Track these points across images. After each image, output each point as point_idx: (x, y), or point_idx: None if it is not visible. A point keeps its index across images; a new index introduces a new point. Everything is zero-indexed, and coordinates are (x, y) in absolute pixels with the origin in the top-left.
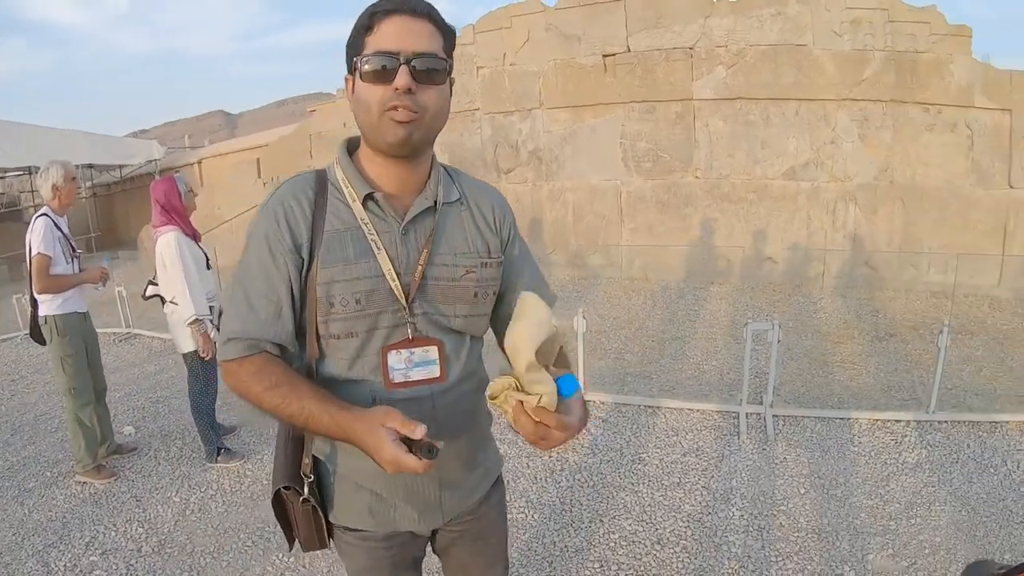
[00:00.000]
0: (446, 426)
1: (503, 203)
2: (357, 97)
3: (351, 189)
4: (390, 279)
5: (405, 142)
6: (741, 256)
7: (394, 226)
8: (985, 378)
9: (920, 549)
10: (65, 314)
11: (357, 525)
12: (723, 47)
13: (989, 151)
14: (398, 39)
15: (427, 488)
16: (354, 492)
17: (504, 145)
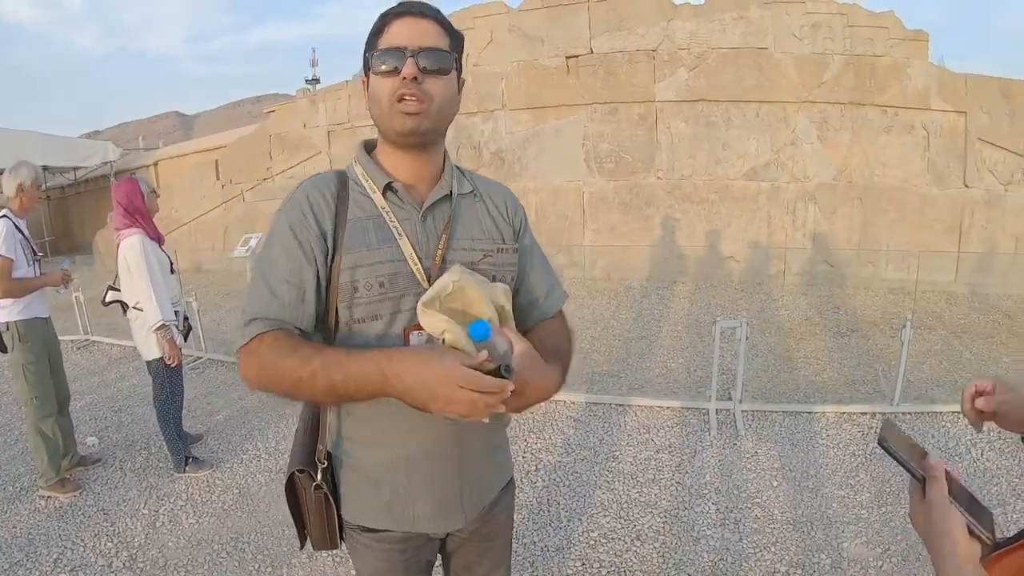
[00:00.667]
0: (467, 441)
1: (514, 198)
2: (371, 92)
3: (371, 181)
4: (412, 263)
5: (414, 131)
6: (703, 255)
7: (413, 213)
8: (945, 370)
9: (893, 535)
10: (27, 319)
11: (374, 524)
12: (685, 50)
13: (945, 152)
14: (406, 36)
15: (451, 479)
16: (372, 488)
17: (467, 146)
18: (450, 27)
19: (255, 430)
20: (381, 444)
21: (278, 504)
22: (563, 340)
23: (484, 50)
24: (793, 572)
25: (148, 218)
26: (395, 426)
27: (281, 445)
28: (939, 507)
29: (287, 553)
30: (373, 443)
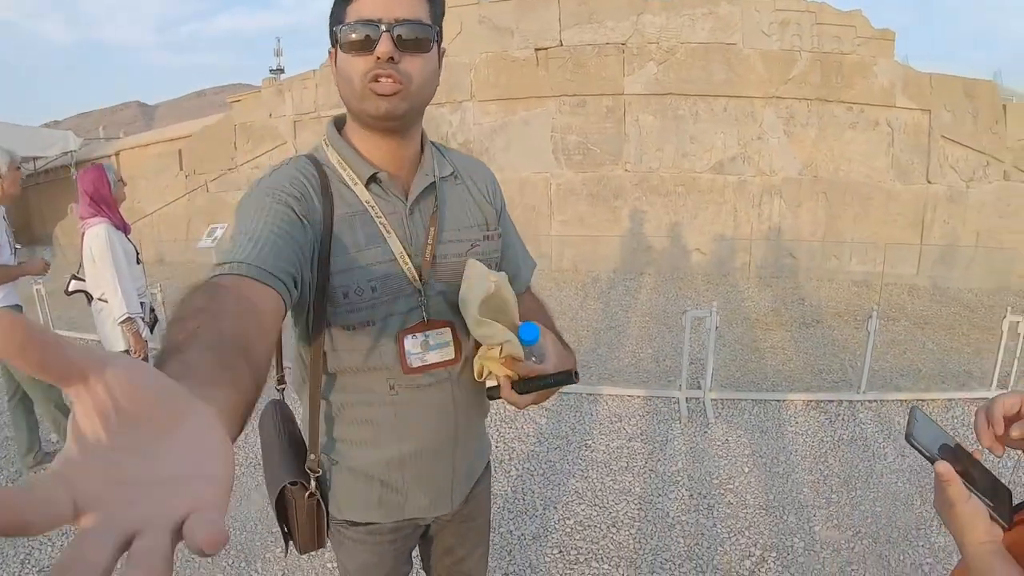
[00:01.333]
0: (464, 408)
1: (491, 175)
2: (340, 70)
3: (350, 171)
4: (402, 262)
5: (389, 115)
6: (669, 247)
7: (400, 207)
8: (909, 360)
9: (863, 518)
10: (5, 307)
11: (364, 519)
12: (655, 44)
13: (909, 148)
14: (380, 6)
15: (443, 473)
16: (363, 484)
17: (434, 136)
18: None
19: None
20: (376, 446)
21: (250, 499)
22: (546, 315)
23: (453, 41)
24: (767, 555)
25: (114, 207)
26: (392, 429)
27: (251, 439)
28: (960, 503)
29: (260, 548)
30: (367, 444)
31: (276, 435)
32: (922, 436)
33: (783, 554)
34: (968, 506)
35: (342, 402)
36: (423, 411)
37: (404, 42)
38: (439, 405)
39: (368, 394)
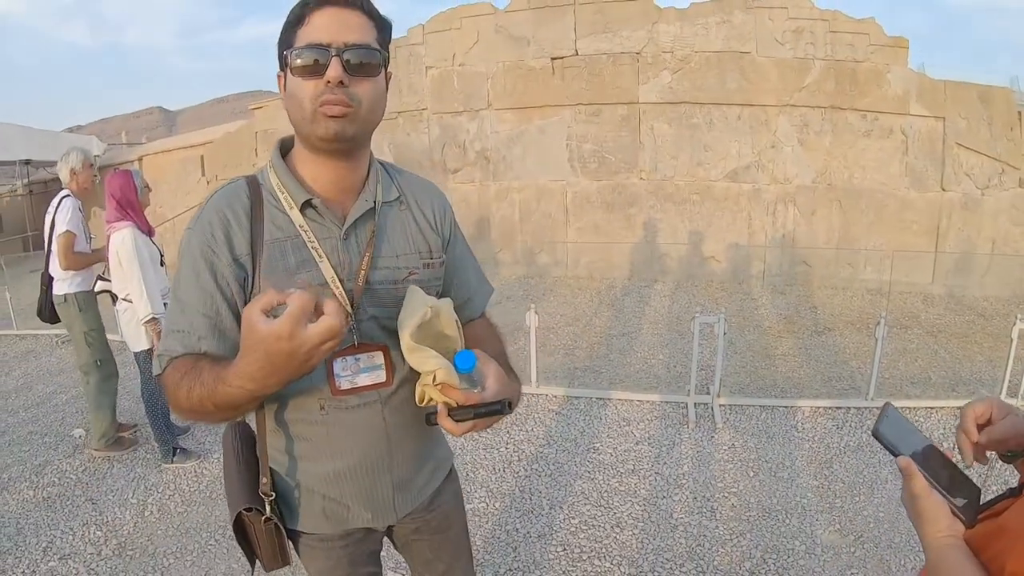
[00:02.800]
0: (396, 429)
1: (443, 200)
2: (290, 93)
3: (287, 195)
4: (334, 287)
5: (338, 137)
6: (684, 255)
7: (335, 231)
8: (920, 368)
9: (866, 523)
10: (85, 291)
11: (313, 529)
12: (669, 52)
13: (923, 156)
14: (329, 31)
15: (382, 490)
16: (309, 497)
17: (452, 145)
18: (378, 16)
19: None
20: (313, 460)
21: None
22: (498, 342)
23: (470, 50)
24: (768, 557)
25: (140, 211)
26: (326, 446)
27: None
28: (921, 498)
29: None
30: (306, 459)
31: (234, 458)
32: (890, 432)
33: (783, 556)
34: (930, 501)
35: (282, 418)
36: (353, 431)
37: (353, 66)
38: (369, 425)
39: (301, 412)
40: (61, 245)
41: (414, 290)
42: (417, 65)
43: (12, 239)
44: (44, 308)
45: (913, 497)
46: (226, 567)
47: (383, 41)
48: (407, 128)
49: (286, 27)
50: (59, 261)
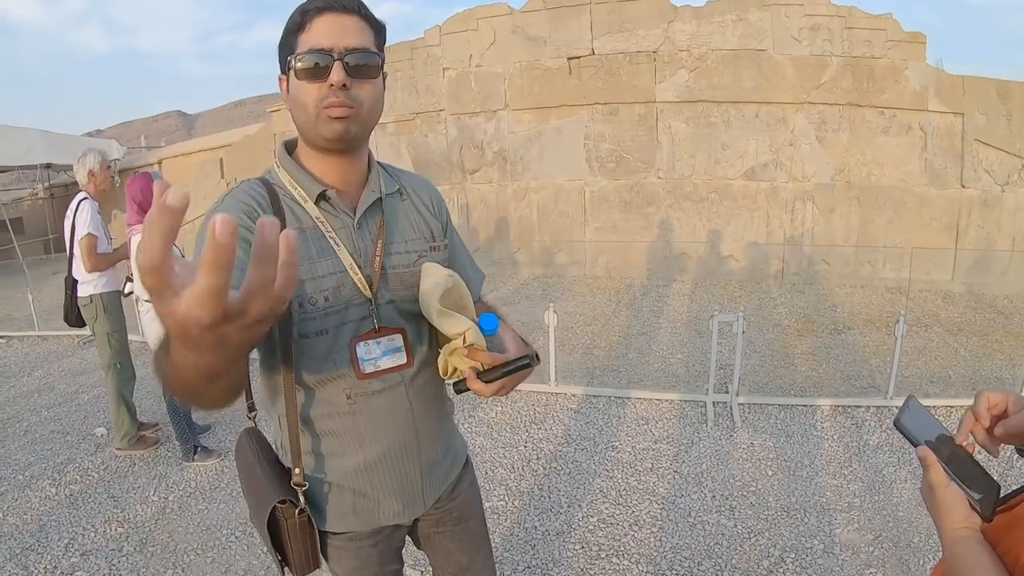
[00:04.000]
0: (420, 412)
1: (437, 191)
2: (293, 96)
3: (300, 190)
4: (352, 273)
5: (342, 137)
6: (703, 254)
7: (348, 221)
8: (940, 366)
9: (884, 523)
10: (109, 292)
11: (342, 528)
12: (686, 51)
13: (942, 152)
14: (330, 36)
15: (411, 476)
16: (339, 495)
17: (469, 146)
18: (374, 20)
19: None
20: (341, 456)
21: None
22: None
23: (487, 51)
24: (786, 556)
25: None
26: (354, 437)
27: None
28: (939, 489)
29: None
30: (333, 455)
31: (256, 460)
32: (912, 424)
33: (801, 555)
34: (947, 491)
35: (308, 416)
36: (381, 417)
37: (354, 69)
38: (396, 410)
39: (327, 406)
40: (83, 248)
41: (430, 265)
42: (434, 66)
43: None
44: (70, 312)
45: (931, 487)
46: (246, 564)
47: (380, 44)
48: (424, 129)
49: (287, 33)
50: (83, 264)
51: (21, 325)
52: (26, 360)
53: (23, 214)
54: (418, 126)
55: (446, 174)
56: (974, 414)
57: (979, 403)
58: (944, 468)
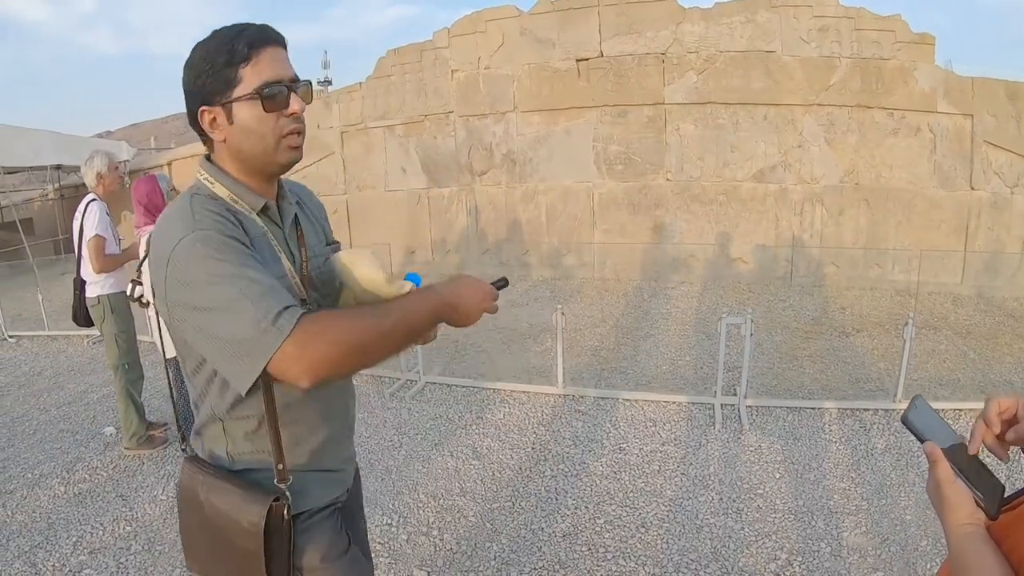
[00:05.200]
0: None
1: (316, 197)
2: (246, 127)
3: (243, 203)
4: (292, 277)
5: (295, 163)
6: (711, 256)
7: (279, 232)
8: (948, 369)
9: (892, 526)
10: (116, 293)
11: (315, 504)
12: (694, 53)
13: (951, 154)
14: (281, 67)
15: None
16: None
17: (478, 148)
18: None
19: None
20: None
21: None
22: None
23: (495, 53)
24: (793, 559)
25: None
26: (317, 416)
27: None
28: (945, 484)
29: None
30: (304, 440)
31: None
32: (919, 422)
33: (809, 558)
34: (953, 488)
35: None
36: (330, 394)
37: (305, 98)
38: (339, 387)
39: (288, 395)
40: (92, 249)
41: (344, 254)
42: (443, 68)
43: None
44: (78, 312)
45: (937, 483)
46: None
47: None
48: (433, 131)
49: (223, 64)
50: (91, 265)
51: (31, 325)
52: (36, 359)
53: (33, 215)
54: (427, 128)
55: (455, 176)
56: (984, 420)
57: (989, 409)
58: (950, 465)
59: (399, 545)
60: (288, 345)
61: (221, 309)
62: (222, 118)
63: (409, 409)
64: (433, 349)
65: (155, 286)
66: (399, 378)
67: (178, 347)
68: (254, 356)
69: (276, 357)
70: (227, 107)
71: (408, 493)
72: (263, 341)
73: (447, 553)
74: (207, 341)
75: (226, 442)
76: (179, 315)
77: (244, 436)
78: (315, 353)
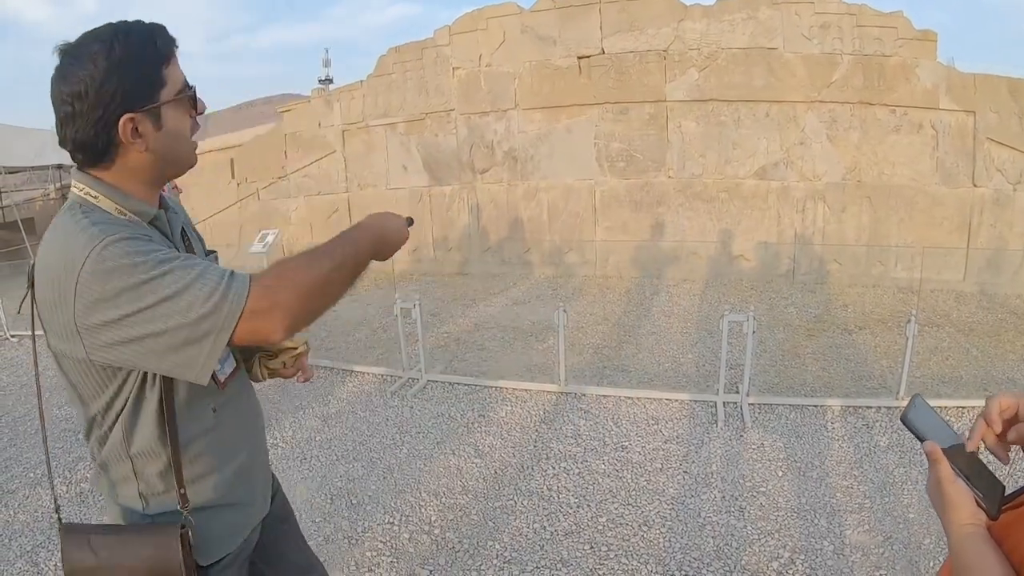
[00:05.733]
0: (254, 406)
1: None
2: (174, 130)
3: (131, 215)
4: None
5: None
6: (713, 254)
7: (167, 241)
8: (951, 367)
9: (895, 524)
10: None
11: (223, 552)
12: (696, 50)
13: (953, 151)
14: (181, 71)
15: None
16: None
17: (480, 145)
18: None
19: (271, 419)
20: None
21: (295, 489)
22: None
23: (497, 50)
24: (796, 557)
25: None
26: (225, 446)
27: (298, 434)
28: (946, 484)
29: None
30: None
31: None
32: (918, 421)
33: (811, 556)
34: (954, 487)
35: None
36: (237, 421)
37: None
38: (244, 409)
39: (198, 425)
40: None
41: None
42: (444, 66)
43: None
44: None
45: (938, 482)
46: None
47: None
48: (435, 129)
49: (147, 66)
50: None
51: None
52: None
53: (35, 214)
54: (428, 126)
55: (456, 174)
56: (985, 419)
57: (990, 408)
58: (951, 464)
59: (401, 544)
60: (252, 303)
61: (167, 298)
62: (146, 125)
63: (411, 407)
64: (435, 347)
65: (52, 326)
66: (401, 376)
67: (83, 388)
68: (217, 330)
69: (244, 319)
70: (154, 112)
71: (410, 491)
72: (223, 311)
73: (449, 552)
74: (152, 344)
75: (137, 483)
76: (104, 339)
77: (157, 474)
78: (283, 301)
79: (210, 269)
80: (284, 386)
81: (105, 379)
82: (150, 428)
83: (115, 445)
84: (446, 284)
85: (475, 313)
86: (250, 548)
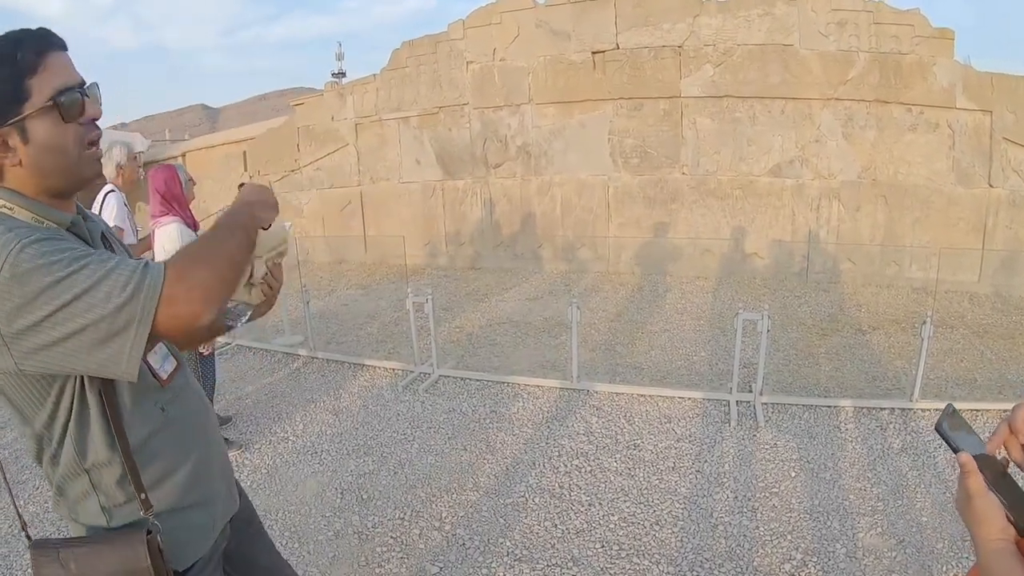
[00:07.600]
0: (203, 405)
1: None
2: (45, 143)
3: (49, 223)
4: None
5: (99, 173)
6: (727, 251)
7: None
8: (965, 369)
9: (908, 528)
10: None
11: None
12: (711, 46)
13: (970, 151)
14: (68, 73)
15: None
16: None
17: (493, 140)
18: None
19: (283, 412)
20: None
21: (305, 483)
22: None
23: (511, 45)
24: (808, 559)
25: (185, 206)
26: (178, 447)
27: (309, 428)
28: (977, 497)
29: (314, 530)
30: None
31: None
32: (952, 431)
33: (824, 559)
34: (985, 500)
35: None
36: (188, 421)
37: (95, 100)
38: (194, 409)
39: (149, 426)
40: None
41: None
42: (457, 60)
43: None
44: None
45: (969, 495)
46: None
47: None
48: (448, 123)
49: (7, 78)
50: None
51: None
52: None
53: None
54: (441, 120)
55: (469, 168)
56: (1010, 426)
57: (1017, 416)
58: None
59: (411, 539)
60: (169, 289)
61: (85, 291)
62: (15, 139)
63: (422, 402)
64: (447, 342)
65: None
66: (413, 371)
67: (22, 403)
68: (138, 319)
69: (164, 306)
70: (19, 125)
71: (421, 487)
72: (140, 297)
73: (459, 548)
74: (76, 342)
75: (97, 496)
76: (29, 345)
77: (116, 484)
78: (200, 282)
79: (125, 261)
80: (295, 379)
81: (41, 390)
82: (99, 435)
83: (69, 462)
84: (458, 278)
85: (487, 308)
86: (221, 547)
